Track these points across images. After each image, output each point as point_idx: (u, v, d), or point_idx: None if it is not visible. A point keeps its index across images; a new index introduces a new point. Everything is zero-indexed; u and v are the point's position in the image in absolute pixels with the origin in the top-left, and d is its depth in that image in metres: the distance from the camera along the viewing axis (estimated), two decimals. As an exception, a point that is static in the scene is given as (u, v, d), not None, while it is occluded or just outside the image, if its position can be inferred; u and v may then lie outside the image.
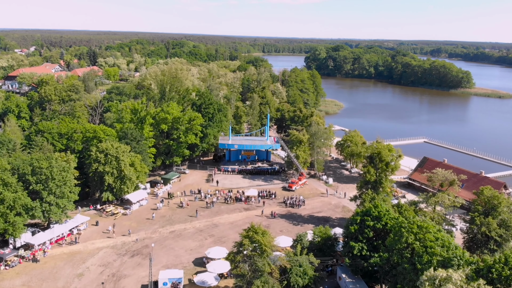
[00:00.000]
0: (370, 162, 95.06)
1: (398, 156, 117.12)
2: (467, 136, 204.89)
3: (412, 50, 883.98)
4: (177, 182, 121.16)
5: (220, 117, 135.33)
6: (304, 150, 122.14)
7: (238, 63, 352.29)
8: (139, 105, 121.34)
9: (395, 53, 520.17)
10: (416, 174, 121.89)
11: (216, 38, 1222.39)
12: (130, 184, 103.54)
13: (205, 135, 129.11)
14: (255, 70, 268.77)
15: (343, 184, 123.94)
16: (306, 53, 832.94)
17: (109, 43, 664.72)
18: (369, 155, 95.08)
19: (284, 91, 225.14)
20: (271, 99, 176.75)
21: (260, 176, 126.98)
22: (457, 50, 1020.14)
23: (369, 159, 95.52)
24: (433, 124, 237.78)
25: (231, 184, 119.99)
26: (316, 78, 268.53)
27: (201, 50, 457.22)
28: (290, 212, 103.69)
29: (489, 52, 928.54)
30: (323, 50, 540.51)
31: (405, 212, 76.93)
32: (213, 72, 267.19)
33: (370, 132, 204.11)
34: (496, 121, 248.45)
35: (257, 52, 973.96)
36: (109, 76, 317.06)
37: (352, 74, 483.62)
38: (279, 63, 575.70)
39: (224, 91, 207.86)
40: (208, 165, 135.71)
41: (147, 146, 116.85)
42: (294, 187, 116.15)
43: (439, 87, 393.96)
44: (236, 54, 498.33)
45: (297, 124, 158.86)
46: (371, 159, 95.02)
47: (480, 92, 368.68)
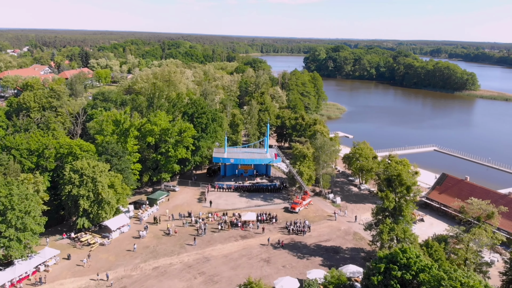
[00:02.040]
0: (388, 186, 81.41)
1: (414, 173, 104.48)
2: (478, 143, 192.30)
3: (412, 50, 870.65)
4: (165, 202, 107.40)
5: (215, 127, 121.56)
6: (308, 165, 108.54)
7: (235, 64, 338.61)
8: (122, 115, 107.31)
9: (396, 53, 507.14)
10: (434, 193, 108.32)
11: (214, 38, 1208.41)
12: (109, 208, 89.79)
13: (197, 148, 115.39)
14: (253, 72, 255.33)
15: (352, 204, 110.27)
16: (305, 54, 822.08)
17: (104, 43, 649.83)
18: (387, 178, 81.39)
19: (284, 95, 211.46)
20: (270, 105, 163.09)
21: (259, 194, 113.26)
22: (457, 50, 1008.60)
23: (387, 182, 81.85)
24: (441, 129, 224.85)
25: (226, 204, 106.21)
26: (318, 81, 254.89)
27: (197, 51, 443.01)
28: (294, 240, 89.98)
29: (490, 53, 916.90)
30: (322, 50, 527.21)
31: (435, 253, 63.46)
32: (209, 74, 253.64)
33: (376, 139, 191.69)
34: (507, 126, 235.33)
35: (255, 52, 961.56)
36: (100, 78, 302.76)
37: (352, 75, 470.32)
38: (277, 64, 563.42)
39: (220, 96, 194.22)
40: (201, 180, 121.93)
41: (130, 162, 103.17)
42: (297, 209, 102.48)
43: (443, 89, 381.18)
44: (233, 54, 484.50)
45: (299, 133, 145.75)
46: (389, 182, 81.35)
47: (485, 94, 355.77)
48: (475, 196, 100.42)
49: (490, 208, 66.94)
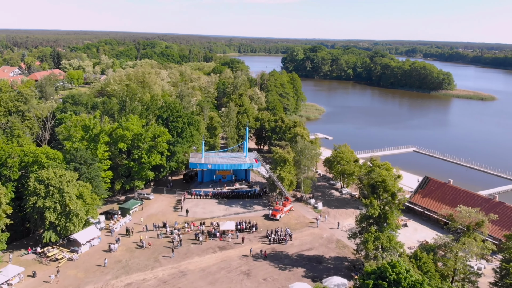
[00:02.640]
0: (372, 192, 78.06)
1: (397, 176, 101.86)
2: (456, 143, 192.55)
3: (388, 50, 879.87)
4: (138, 212, 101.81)
5: (191, 131, 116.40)
6: (289, 170, 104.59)
7: (213, 64, 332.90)
8: (91, 120, 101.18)
9: (373, 54, 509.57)
10: (417, 196, 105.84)
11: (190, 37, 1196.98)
12: (78, 220, 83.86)
13: (172, 154, 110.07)
14: (231, 73, 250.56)
15: (334, 210, 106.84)
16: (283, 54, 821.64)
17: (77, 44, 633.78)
18: (371, 184, 78.00)
19: (263, 96, 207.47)
20: (249, 107, 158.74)
21: (238, 200, 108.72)
22: (432, 50, 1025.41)
23: (371, 188, 78.49)
24: (419, 129, 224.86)
25: (203, 212, 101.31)
26: (296, 82, 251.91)
27: (173, 51, 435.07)
28: (275, 250, 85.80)
29: (464, 52, 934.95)
30: (300, 51, 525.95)
31: (424, 265, 60.21)
32: (185, 75, 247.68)
33: (356, 140, 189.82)
34: (484, 125, 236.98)
35: (232, 52, 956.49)
36: (72, 80, 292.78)
37: (330, 75, 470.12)
38: (255, 64, 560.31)
39: (197, 97, 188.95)
40: (177, 187, 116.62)
41: (101, 170, 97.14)
42: (278, 216, 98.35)
43: (419, 89, 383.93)
44: (211, 55, 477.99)
45: (278, 136, 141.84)
46: (373, 188, 78.00)
47: (461, 94, 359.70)
48: (458, 200, 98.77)
49: (480, 216, 64.11)
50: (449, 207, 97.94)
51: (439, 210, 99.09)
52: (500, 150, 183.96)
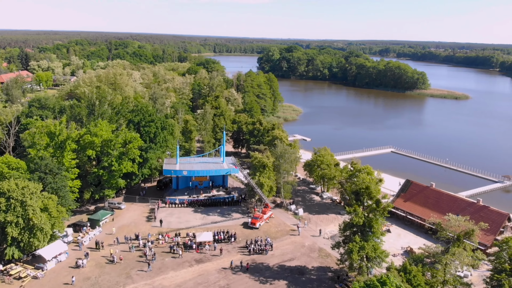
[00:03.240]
0: (356, 199, 74.66)
1: (378, 180, 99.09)
2: (433, 143, 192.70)
3: (361, 50, 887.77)
4: (109, 223, 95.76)
5: (165, 135, 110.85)
6: (268, 176, 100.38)
7: (187, 65, 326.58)
8: (57, 126, 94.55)
9: (348, 54, 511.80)
10: (399, 200, 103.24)
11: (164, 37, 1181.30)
12: (42, 235, 77.59)
13: (145, 160, 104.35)
14: (206, 74, 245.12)
15: (315, 216, 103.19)
16: (259, 54, 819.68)
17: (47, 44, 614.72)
18: (354, 191, 74.58)
19: (239, 97, 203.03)
20: (226, 109, 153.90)
21: (215, 208, 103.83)
22: (405, 49, 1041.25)
23: (355, 195, 75.10)
24: (396, 129, 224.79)
25: (179, 222, 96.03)
26: (273, 82, 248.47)
27: (146, 51, 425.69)
28: (256, 261, 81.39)
29: (436, 52, 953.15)
30: (276, 51, 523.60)
31: (414, 279, 56.90)
32: (159, 76, 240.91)
33: (334, 142, 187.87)
34: (459, 125, 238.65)
35: (208, 52, 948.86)
36: (41, 81, 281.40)
37: (306, 75, 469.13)
38: (231, 64, 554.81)
39: (171, 99, 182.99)
40: (150, 195, 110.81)
41: (68, 179, 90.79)
42: (258, 224, 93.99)
43: (394, 88, 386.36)
44: (185, 55, 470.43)
45: (256, 139, 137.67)
46: (357, 195, 74.63)
47: (436, 93, 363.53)
48: (442, 204, 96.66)
49: (470, 225, 61.29)
50: (432, 211, 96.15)
51: (422, 215, 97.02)
52: (477, 149, 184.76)
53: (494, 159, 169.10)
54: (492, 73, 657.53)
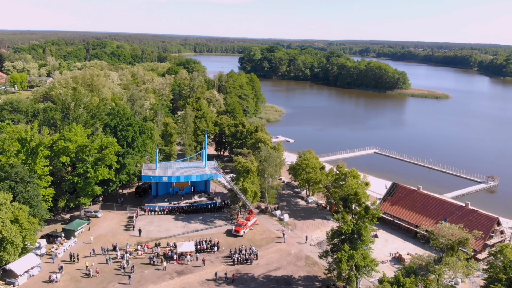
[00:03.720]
0: (344, 206, 71.74)
1: (365, 184, 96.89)
2: (416, 143, 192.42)
3: (342, 50, 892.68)
4: (85, 232, 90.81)
5: (143, 140, 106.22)
6: (253, 181, 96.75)
7: (167, 65, 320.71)
8: (28, 132, 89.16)
9: (329, 54, 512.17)
10: (386, 204, 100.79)
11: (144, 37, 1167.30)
12: (13, 249, 72.58)
13: (122, 166, 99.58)
14: (187, 74, 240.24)
15: (301, 221, 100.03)
16: (240, 54, 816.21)
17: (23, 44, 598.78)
18: (342, 197, 71.62)
19: (221, 98, 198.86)
20: (207, 111, 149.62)
21: (197, 215, 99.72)
22: (385, 49, 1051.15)
23: (343, 202, 72.17)
24: (378, 129, 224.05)
25: (159, 231, 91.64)
26: (255, 83, 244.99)
27: (125, 51, 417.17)
28: (240, 271, 77.69)
29: (415, 51, 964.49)
30: (257, 51, 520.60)
31: (408, 291, 54.08)
32: (138, 76, 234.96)
33: (317, 143, 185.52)
34: (441, 124, 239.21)
35: (188, 52, 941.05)
36: (15, 83, 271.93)
37: (288, 75, 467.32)
38: (212, 64, 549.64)
39: (151, 100, 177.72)
40: (129, 202, 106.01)
41: (41, 187, 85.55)
42: (242, 232, 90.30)
43: (375, 88, 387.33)
44: (165, 54, 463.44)
45: (239, 141, 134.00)
46: (345, 201, 71.71)
47: (416, 93, 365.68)
48: (429, 207, 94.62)
49: (464, 233, 58.84)
50: (420, 216, 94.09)
51: (410, 219, 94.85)
52: (460, 149, 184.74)
53: (477, 159, 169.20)
54: (470, 72, 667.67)
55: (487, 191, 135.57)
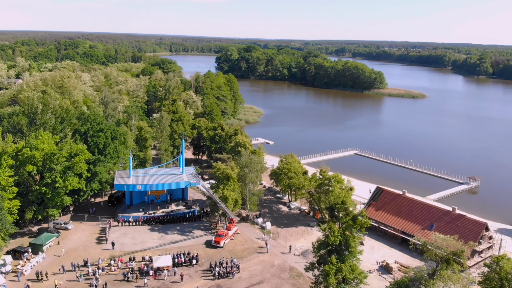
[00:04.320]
0: (331, 216, 67.93)
1: (349, 189, 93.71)
2: (396, 144, 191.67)
3: (318, 50, 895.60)
4: (54, 246, 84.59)
5: (116, 146, 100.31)
6: (233, 188, 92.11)
7: (142, 65, 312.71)
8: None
9: (306, 54, 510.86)
10: (371, 210, 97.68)
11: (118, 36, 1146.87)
12: (-29, 269, 66.09)
13: (93, 175, 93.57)
14: (162, 75, 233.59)
15: (284, 229, 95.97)
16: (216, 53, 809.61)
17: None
18: (329, 207, 67.85)
19: (199, 100, 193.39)
20: (184, 113, 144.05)
21: (175, 225, 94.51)
22: (360, 49, 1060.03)
23: (329, 211, 68.37)
24: (357, 130, 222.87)
25: (133, 244, 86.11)
26: (233, 84, 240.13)
27: (98, 51, 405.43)
28: (221, 286, 73.09)
29: (390, 51, 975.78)
30: (235, 50, 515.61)
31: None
32: (111, 77, 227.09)
33: (297, 144, 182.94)
34: (419, 124, 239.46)
35: (163, 52, 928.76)
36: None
37: (266, 75, 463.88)
38: (188, 64, 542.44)
39: (125, 102, 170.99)
40: (101, 212, 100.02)
41: (5, 199, 78.90)
42: (222, 242, 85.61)
43: (352, 88, 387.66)
44: (140, 54, 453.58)
45: (218, 145, 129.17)
46: (332, 211, 67.90)
47: (393, 92, 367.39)
48: (415, 212, 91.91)
49: (459, 245, 55.71)
50: (406, 221, 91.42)
51: (396, 225, 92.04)
52: (439, 149, 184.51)
53: (456, 159, 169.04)
54: (444, 71, 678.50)
55: (469, 192, 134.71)
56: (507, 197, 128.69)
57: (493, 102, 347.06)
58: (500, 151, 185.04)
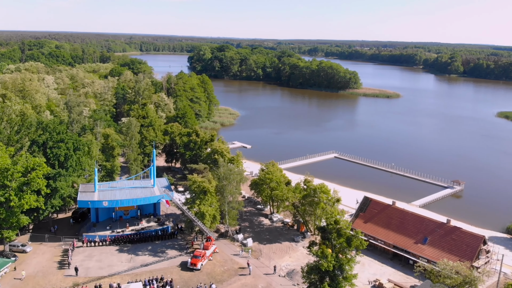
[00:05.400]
0: (323, 238, 60.81)
1: (336, 200, 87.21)
2: (375, 145, 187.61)
3: (291, 49, 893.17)
4: (10, 273, 74.40)
5: (79, 157, 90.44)
6: (211, 203, 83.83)
7: (110, 66, 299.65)
8: None
9: (280, 53, 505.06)
10: (359, 222, 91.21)
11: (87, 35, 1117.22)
12: None
13: (54, 190, 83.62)
14: (132, 76, 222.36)
15: (266, 246, 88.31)
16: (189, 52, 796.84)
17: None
18: (321, 227, 60.68)
19: (171, 102, 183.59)
20: (155, 118, 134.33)
21: (146, 244, 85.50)
22: (333, 49, 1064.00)
23: (321, 232, 61.24)
24: (335, 131, 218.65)
25: (100, 268, 76.74)
26: (207, 85, 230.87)
27: (64, 51, 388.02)
28: (199, 317, 64.97)
29: (362, 50, 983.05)
30: (207, 50, 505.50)
31: None
32: (77, 79, 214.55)
33: (275, 148, 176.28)
34: (397, 125, 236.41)
35: (134, 51, 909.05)
36: None
37: (240, 76, 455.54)
38: (160, 64, 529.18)
39: (91, 106, 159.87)
40: (63, 232, 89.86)
41: None
42: (199, 264, 77.27)
43: (327, 88, 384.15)
44: (108, 54, 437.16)
45: (193, 152, 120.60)
46: (324, 232, 60.79)
47: (368, 92, 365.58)
48: (407, 225, 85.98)
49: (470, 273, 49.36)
50: (397, 234, 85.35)
51: (386, 238, 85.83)
52: (418, 151, 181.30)
53: (437, 161, 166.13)
54: (416, 70, 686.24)
55: (453, 196, 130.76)
56: (492, 201, 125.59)
57: (465, 100, 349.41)
58: (479, 152, 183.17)
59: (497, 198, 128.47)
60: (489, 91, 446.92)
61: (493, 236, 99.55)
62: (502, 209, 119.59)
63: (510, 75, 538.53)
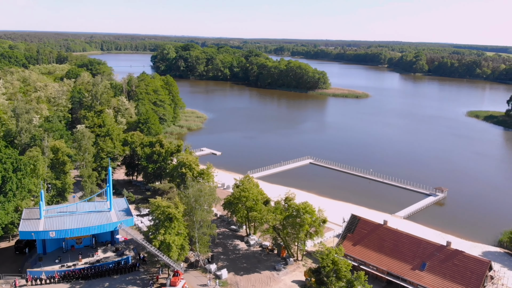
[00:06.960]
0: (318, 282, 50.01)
1: (322, 221, 76.98)
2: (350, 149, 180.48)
3: (257, 48, 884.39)
4: None
5: (21, 178, 76.18)
6: (177, 230, 71.45)
7: (67, 67, 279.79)
8: None
9: (247, 53, 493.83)
10: (347, 244, 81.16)
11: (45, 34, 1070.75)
12: None
13: (-12, 221, 69.36)
14: (90, 77, 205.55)
15: (244, 277, 76.69)
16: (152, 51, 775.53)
17: None
18: (315, 270, 49.94)
19: (132, 107, 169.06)
20: (113, 127, 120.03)
21: (102, 280, 72.34)
22: (298, 48, 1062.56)
23: (316, 275, 50.45)
24: (309, 134, 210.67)
25: (45, 316, 63.36)
26: (172, 86, 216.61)
27: (18, 51, 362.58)
28: None
29: (328, 50, 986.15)
30: (172, 49, 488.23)
31: None
32: (30, 82, 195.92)
33: (247, 154, 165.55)
34: (368, 126, 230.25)
35: (94, 50, 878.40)
36: None
37: (206, 75, 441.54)
38: (121, 64, 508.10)
39: (43, 112, 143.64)
40: (5, 266, 75.43)
41: None
42: (166, 305, 65.12)
43: (296, 88, 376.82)
44: (66, 54, 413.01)
45: (156, 165, 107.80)
46: (319, 274, 50.02)
47: (337, 92, 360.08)
48: (402, 248, 76.55)
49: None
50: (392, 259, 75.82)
51: (379, 264, 76.09)
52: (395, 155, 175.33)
53: (415, 165, 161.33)
54: (381, 69, 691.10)
55: (436, 204, 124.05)
56: (476, 208, 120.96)
57: (433, 100, 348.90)
58: (455, 154, 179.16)
59: (481, 204, 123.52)
60: (454, 89, 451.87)
61: (486, 251, 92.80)
62: (488, 216, 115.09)
63: (473, 73, 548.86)
